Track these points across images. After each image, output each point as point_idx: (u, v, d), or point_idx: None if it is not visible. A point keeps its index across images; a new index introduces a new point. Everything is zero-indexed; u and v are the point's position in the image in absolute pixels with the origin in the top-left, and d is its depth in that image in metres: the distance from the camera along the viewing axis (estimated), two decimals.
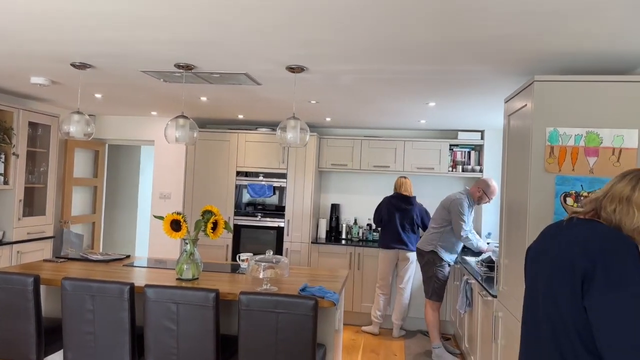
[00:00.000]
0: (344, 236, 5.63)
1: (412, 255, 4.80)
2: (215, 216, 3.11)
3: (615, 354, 1.23)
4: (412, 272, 4.87)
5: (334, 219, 5.72)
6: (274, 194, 5.47)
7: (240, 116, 5.26)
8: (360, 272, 5.21)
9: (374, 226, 5.64)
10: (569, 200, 2.35)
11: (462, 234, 4.18)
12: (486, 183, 4.31)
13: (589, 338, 1.29)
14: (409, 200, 4.89)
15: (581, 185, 2.35)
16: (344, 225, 5.65)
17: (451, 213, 4.23)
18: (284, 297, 2.50)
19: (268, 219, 5.46)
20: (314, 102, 4.10)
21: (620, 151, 2.32)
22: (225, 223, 3.17)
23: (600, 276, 1.27)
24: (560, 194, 2.36)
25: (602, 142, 2.33)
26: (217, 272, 3.39)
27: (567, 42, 2.22)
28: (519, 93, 2.72)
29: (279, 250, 5.38)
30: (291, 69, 2.92)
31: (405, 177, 4.98)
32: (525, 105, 2.57)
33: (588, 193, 2.33)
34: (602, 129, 2.34)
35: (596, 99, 2.37)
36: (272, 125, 5.69)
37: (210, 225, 3.07)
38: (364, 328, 4.99)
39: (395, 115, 4.63)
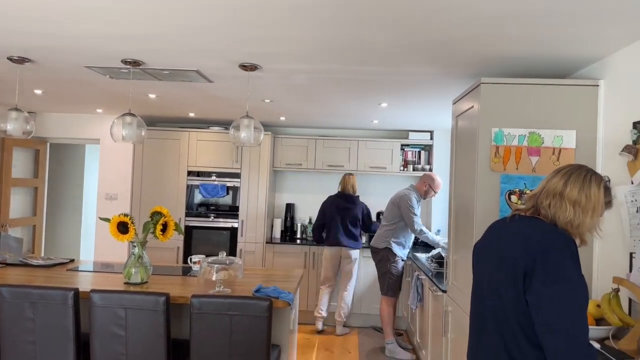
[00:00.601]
0: (298, 236, 5.62)
1: (355, 253, 4.84)
2: (165, 217, 3.03)
3: (552, 341, 1.30)
4: (355, 270, 4.88)
5: (288, 218, 5.70)
6: (227, 194, 5.38)
7: (192, 114, 5.14)
8: (315, 271, 5.22)
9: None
10: (514, 198, 2.46)
11: (416, 227, 4.28)
12: (431, 177, 4.47)
13: (532, 331, 1.36)
14: (351, 200, 4.91)
15: (524, 184, 2.46)
16: (299, 225, 5.65)
17: (401, 209, 4.32)
18: (237, 298, 2.47)
19: (221, 220, 5.37)
20: (268, 101, 4.07)
21: (560, 151, 2.45)
22: (176, 224, 3.10)
23: (540, 271, 1.33)
24: (505, 192, 2.47)
25: (543, 142, 2.45)
26: (168, 276, 3.30)
27: (511, 46, 2.32)
28: (466, 95, 2.81)
29: (232, 252, 5.30)
30: (244, 67, 2.88)
31: (351, 174, 4.97)
32: (472, 106, 2.66)
33: (531, 191, 2.44)
34: (544, 130, 2.46)
35: (538, 100, 2.49)
36: (225, 124, 5.60)
37: (159, 227, 2.99)
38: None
39: (349, 115, 4.68)
